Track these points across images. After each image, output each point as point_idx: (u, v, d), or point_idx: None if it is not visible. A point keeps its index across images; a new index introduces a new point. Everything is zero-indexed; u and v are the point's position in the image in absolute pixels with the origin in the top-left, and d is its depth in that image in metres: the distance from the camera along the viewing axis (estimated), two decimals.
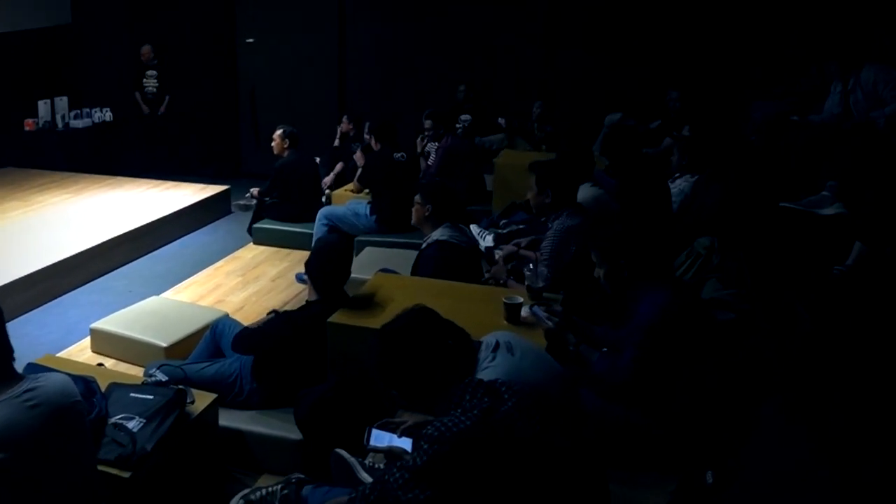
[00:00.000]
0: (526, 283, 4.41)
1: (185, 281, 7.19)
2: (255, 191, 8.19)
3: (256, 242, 7.99)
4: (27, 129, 11.31)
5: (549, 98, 9.73)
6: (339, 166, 8.84)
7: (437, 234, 5.11)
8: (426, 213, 5.25)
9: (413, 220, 5.37)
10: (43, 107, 11.43)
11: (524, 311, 4.09)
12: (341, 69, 10.86)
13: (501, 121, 9.56)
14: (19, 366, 3.04)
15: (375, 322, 4.06)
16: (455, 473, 2.63)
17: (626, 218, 5.05)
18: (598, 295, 4.11)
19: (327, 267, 4.50)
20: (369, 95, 10.72)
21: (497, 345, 3.18)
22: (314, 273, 4.52)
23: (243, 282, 7.11)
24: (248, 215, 8.45)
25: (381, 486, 2.76)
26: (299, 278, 6.88)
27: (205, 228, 8.92)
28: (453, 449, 2.61)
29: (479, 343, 3.20)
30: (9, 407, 2.74)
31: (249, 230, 8.10)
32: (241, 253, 7.95)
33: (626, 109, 8.97)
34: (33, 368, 4.08)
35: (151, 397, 3.91)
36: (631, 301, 3.74)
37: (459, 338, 3.09)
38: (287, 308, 5.81)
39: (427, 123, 8.45)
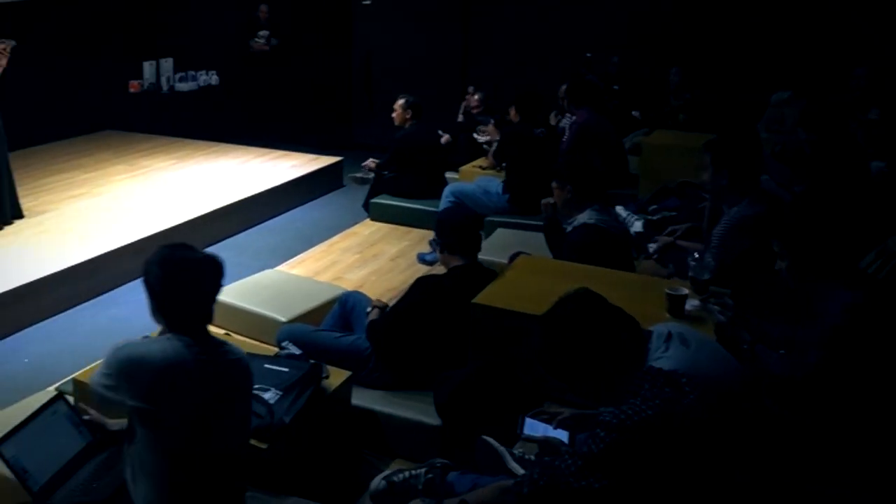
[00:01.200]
0: (690, 273, 4.36)
1: (299, 256, 7.36)
2: (371, 163, 8.27)
3: (373, 218, 8.12)
4: (132, 90, 11.72)
5: (688, 64, 9.49)
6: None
7: (584, 217, 5.08)
8: (567, 196, 5.22)
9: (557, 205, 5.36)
10: (148, 68, 11.83)
11: (690, 304, 4.07)
12: (466, 34, 10.80)
13: (636, 113, 9.40)
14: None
15: (522, 305, 4.12)
16: (633, 463, 2.67)
17: (815, 205, 4.93)
18: (778, 290, 4.04)
19: (463, 231, 4.61)
20: (497, 64, 10.59)
21: (669, 335, 3.18)
22: (450, 237, 4.62)
23: (361, 259, 7.24)
24: (363, 189, 8.56)
25: (550, 472, 2.81)
26: (421, 258, 6.96)
27: (316, 201, 9.11)
28: (633, 438, 2.64)
29: (650, 332, 3.20)
30: (177, 344, 3.02)
31: (366, 205, 8.22)
32: (357, 229, 8.10)
33: (797, 87, 8.57)
34: None
35: (287, 370, 4.05)
36: (818, 299, 3.68)
37: (629, 325, 3.09)
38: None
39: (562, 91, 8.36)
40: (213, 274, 3.10)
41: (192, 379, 2.99)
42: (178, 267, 3.08)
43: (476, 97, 9.17)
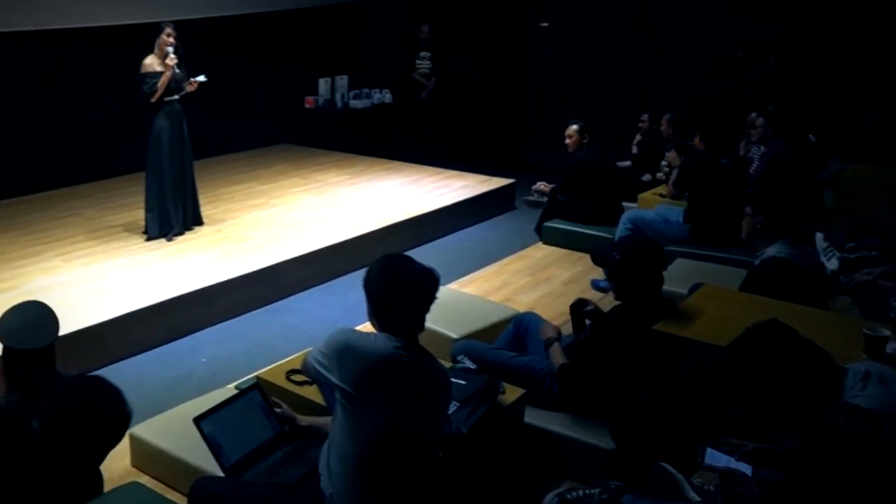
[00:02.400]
0: (892, 315, 4.28)
1: (470, 275, 7.53)
2: (544, 186, 8.35)
3: (546, 242, 8.22)
4: (307, 106, 12.22)
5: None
6: (646, 176, 8.89)
7: (773, 251, 5.05)
8: (758, 226, 5.21)
9: (743, 234, 5.33)
10: (324, 85, 12.32)
11: (891, 346, 4.00)
12: (647, 58, 10.78)
13: (812, 138, 9.11)
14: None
15: (705, 335, 4.15)
16: (824, 494, 2.66)
17: None
18: None
19: (642, 270, 4.57)
20: (679, 89, 10.46)
21: (868, 374, 3.16)
22: (624, 275, 4.62)
23: (532, 282, 7.35)
24: (534, 212, 8.66)
25: (736, 500, 2.82)
26: (595, 284, 7.01)
27: (487, 222, 9.30)
28: (825, 469, 2.64)
29: (845, 369, 3.18)
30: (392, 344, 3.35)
31: (538, 229, 8.31)
32: (528, 252, 8.23)
33: None
34: None
35: (464, 382, 4.20)
36: None
37: (822, 360, 3.07)
38: None
39: (759, 121, 8.26)
40: (429, 286, 3.43)
41: (395, 377, 3.28)
42: (397, 275, 3.41)
43: (666, 117, 9.05)
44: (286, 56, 12.10)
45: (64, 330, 5.68)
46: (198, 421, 3.68)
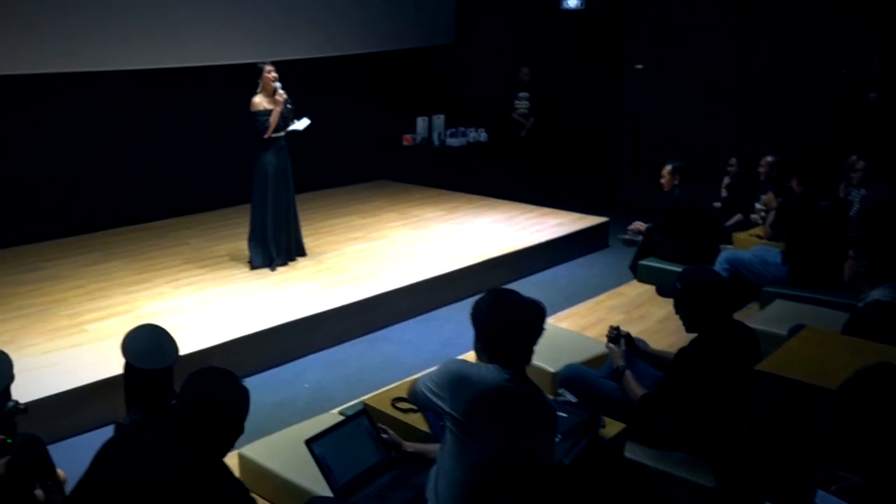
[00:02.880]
0: None
1: (565, 311, 7.49)
2: (639, 225, 8.31)
3: (641, 280, 8.13)
4: (405, 143, 12.36)
5: None
6: (737, 217, 8.75)
7: (878, 294, 4.92)
8: (861, 270, 5.10)
9: (846, 277, 5.23)
10: (421, 123, 12.43)
11: None
12: (742, 100, 10.65)
13: None
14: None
15: (810, 376, 4.04)
16: None
17: None
18: None
19: (703, 298, 4.45)
20: (774, 131, 10.26)
21: None
22: (687, 304, 4.52)
23: (627, 319, 7.27)
24: (629, 250, 8.60)
25: None
26: None
27: (581, 259, 9.24)
28: None
29: None
30: (503, 376, 3.37)
31: (633, 267, 8.24)
32: (623, 289, 8.17)
33: None
34: None
35: (566, 415, 4.17)
36: None
37: None
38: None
39: (860, 164, 8.08)
40: (537, 318, 3.45)
41: (505, 407, 3.30)
42: (508, 309, 3.44)
43: (768, 159, 8.89)
44: (386, 95, 12.26)
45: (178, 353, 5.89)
46: (309, 443, 3.74)
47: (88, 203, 9.21)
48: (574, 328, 6.99)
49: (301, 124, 7.92)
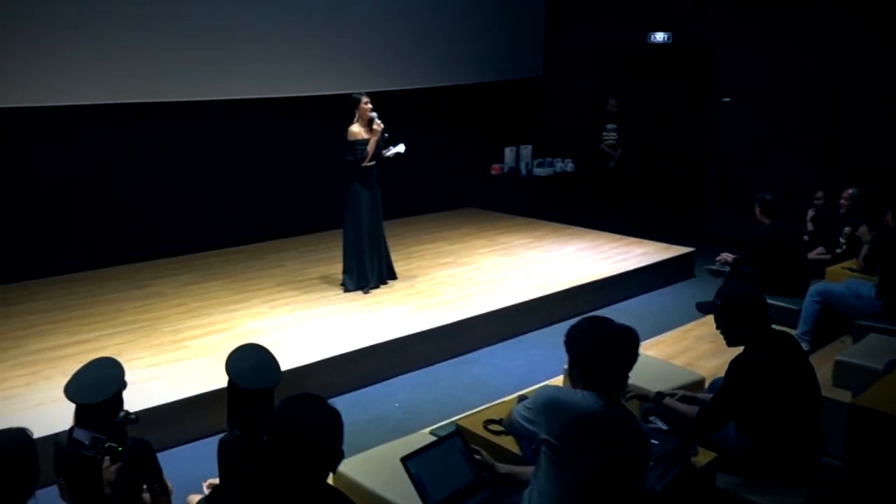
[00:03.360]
0: None
1: (652, 339, 7.36)
2: (727, 257, 8.13)
3: None
4: (493, 172, 12.38)
5: None
6: (819, 249, 8.53)
7: None
8: None
9: None
10: (509, 153, 12.45)
11: None
12: (831, 132, 10.40)
13: None
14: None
15: None
16: None
17: None
18: None
19: (742, 312, 4.36)
20: (865, 164, 9.94)
21: None
22: (728, 319, 4.44)
23: (715, 349, 7.09)
24: (715, 281, 8.41)
25: None
26: None
27: (667, 289, 9.11)
28: None
29: None
30: (597, 402, 3.30)
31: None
32: (710, 319, 7.90)
33: None
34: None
35: (657, 443, 4.06)
36: None
37: None
38: None
39: None
40: (632, 346, 3.40)
41: (600, 432, 3.23)
42: (605, 337, 3.39)
43: (849, 192, 8.66)
44: (475, 126, 12.31)
45: None
46: (405, 460, 3.70)
47: (190, 225, 9.41)
48: (661, 356, 6.84)
49: (399, 148, 7.99)
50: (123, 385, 3.55)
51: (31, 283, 8.06)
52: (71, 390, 3.46)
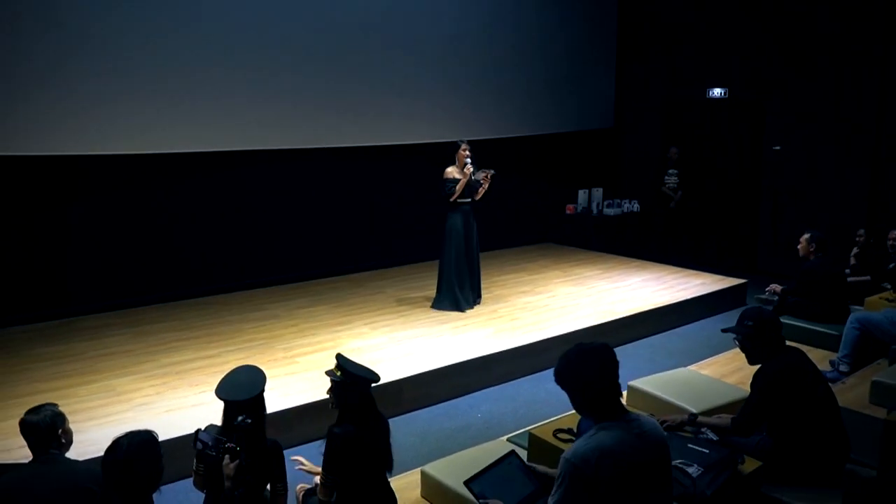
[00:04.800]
0: None
1: (707, 359, 7.26)
2: (776, 287, 8.00)
3: None
4: (567, 212, 12.36)
5: None
6: (865, 277, 8.31)
7: None
8: None
9: None
10: (582, 195, 12.41)
11: None
12: (874, 176, 10.15)
13: None
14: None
15: None
16: None
17: None
18: None
19: (767, 331, 4.33)
20: None
21: None
22: (755, 337, 4.37)
23: None
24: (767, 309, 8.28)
25: None
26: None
27: (720, 315, 8.92)
28: None
29: None
30: (622, 431, 2.96)
31: None
32: None
33: None
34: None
35: (707, 451, 4.04)
36: None
37: None
38: None
39: None
40: (612, 352, 3.09)
41: (626, 456, 2.91)
42: (589, 355, 3.08)
43: (863, 237, 8.48)
44: (552, 170, 12.35)
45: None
46: (467, 483, 3.64)
47: (304, 257, 9.58)
48: (715, 375, 6.73)
49: (484, 172, 8.01)
50: (262, 388, 3.61)
51: (166, 306, 8.24)
52: (220, 391, 3.53)
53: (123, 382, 6.07)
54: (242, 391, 3.50)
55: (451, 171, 7.95)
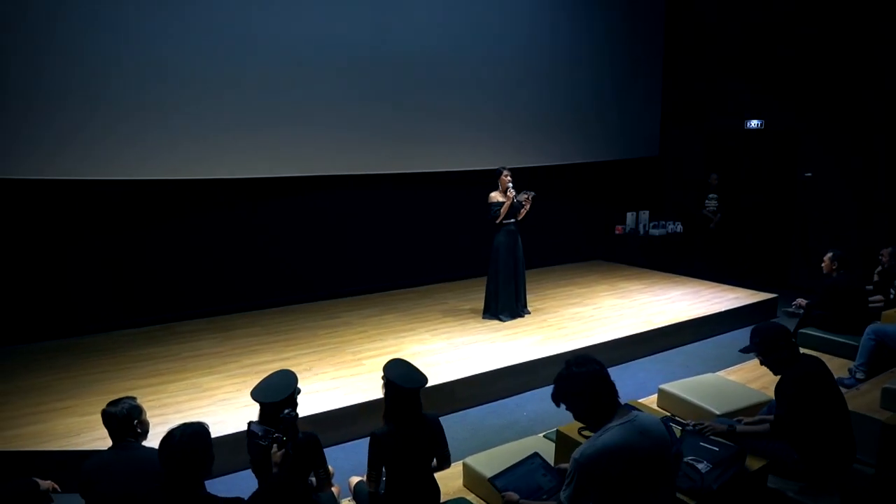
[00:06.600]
0: None
1: (735, 366, 7.09)
2: (801, 301, 7.79)
3: (800, 345, 7.45)
4: (616, 232, 12.24)
5: None
6: (878, 297, 7.99)
7: None
8: None
9: None
10: (630, 217, 12.28)
11: None
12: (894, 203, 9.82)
13: None
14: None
15: None
16: None
17: None
18: None
19: (778, 343, 4.27)
20: None
21: None
22: (767, 350, 4.30)
23: None
24: (792, 321, 8.06)
25: None
26: (840, 382, 6.35)
27: (751, 326, 8.68)
28: None
29: None
30: (624, 430, 2.93)
31: (794, 334, 7.70)
32: None
33: None
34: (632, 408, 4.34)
35: (717, 449, 3.97)
36: None
37: None
38: None
39: None
40: (593, 360, 3.06)
41: (629, 452, 2.89)
42: (577, 372, 3.04)
43: (888, 249, 8.16)
44: (603, 195, 12.26)
45: (429, 383, 6.06)
46: (492, 480, 3.68)
47: (376, 271, 9.68)
48: (742, 381, 6.56)
49: (526, 195, 7.97)
50: (297, 391, 3.62)
51: (253, 314, 8.38)
52: (255, 393, 3.57)
53: (209, 380, 6.21)
54: (278, 393, 3.53)
55: (496, 196, 7.96)
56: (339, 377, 6.26)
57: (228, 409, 5.52)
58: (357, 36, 8.71)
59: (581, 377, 3.01)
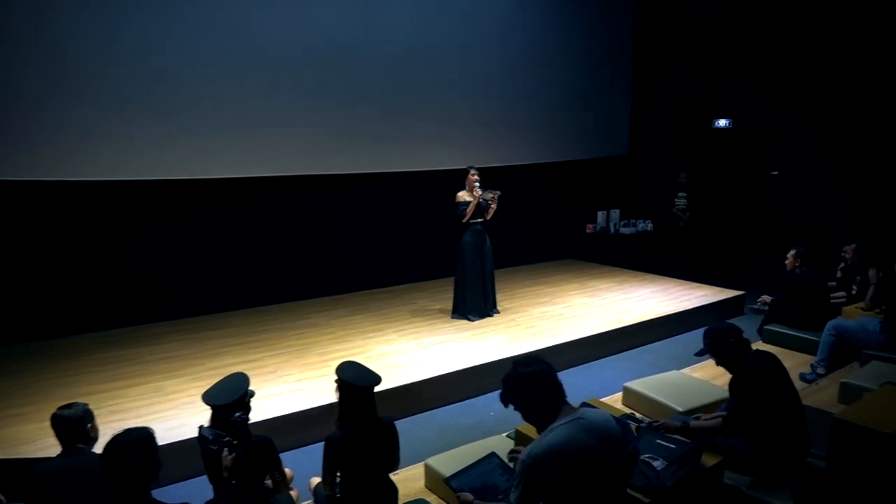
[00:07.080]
0: None
1: (702, 363, 7.12)
2: (766, 298, 7.86)
3: (766, 341, 7.61)
4: (587, 231, 12.29)
5: None
6: (840, 293, 8.07)
7: None
8: None
9: None
10: (600, 215, 12.34)
11: None
12: (858, 201, 9.93)
13: None
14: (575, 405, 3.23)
15: (882, 426, 3.71)
16: None
17: None
18: None
19: (730, 343, 4.31)
20: (890, 224, 9.54)
21: None
22: (718, 352, 4.34)
23: None
24: (757, 317, 8.15)
25: None
26: (802, 377, 6.44)
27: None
28: None
29: None
30: (569, 429, 2.92)
31: (760, 330, 7.77)
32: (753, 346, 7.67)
33: None
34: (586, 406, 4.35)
35: (673, 446, 4.00)
36: None
37: None
38: None
39: None
40: (542, 360, 3.11)
41: (576, 451, 2.87)
42: (525, 364, 3.12)
43: (852, 246, 8.25)
44: (573, 193, 12.30)
45: (394, 384, 6.04)
46: (448, 480, 3.69)
47: (347, 272, 9.63)
48: (706, 377, 6.61)
49: (491, 193, 7.94)
50: (249, 393, 3.56)
51: (220, 316, 8.30)
52: (206, 396, 3.53)
53: (172, 384, 6.12)
54: (228, 396, 3.48)
55: (462, 195, 7.96)
56: (303, 379, 6.21)
57: (189, 413, 5.45)
58: (323, 37, 8.67)
59: (527, 377, 3.02)
